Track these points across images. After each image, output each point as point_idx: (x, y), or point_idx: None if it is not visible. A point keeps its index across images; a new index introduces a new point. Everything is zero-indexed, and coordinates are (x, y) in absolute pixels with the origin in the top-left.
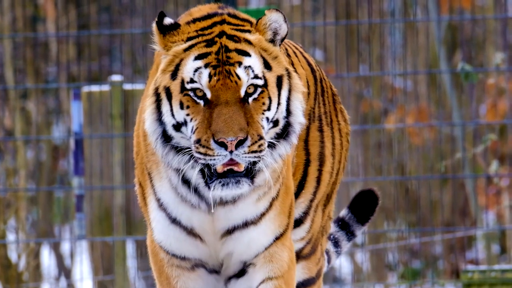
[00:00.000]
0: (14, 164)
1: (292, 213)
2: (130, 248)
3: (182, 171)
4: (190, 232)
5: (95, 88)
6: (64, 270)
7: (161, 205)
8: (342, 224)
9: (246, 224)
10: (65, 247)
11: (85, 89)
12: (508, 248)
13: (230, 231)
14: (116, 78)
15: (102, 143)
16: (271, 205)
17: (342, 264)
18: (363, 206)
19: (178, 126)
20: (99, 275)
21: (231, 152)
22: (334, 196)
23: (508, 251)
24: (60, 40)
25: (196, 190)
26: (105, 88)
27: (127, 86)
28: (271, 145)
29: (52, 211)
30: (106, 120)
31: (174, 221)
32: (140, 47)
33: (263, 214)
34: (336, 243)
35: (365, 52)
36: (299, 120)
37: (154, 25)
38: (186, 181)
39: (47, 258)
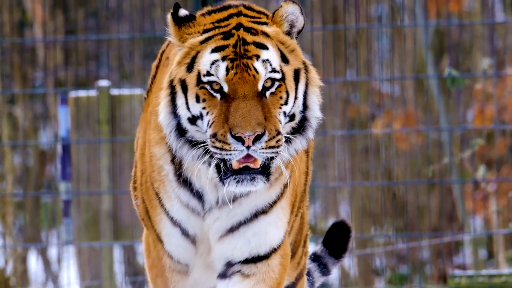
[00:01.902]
0: (1, 169)
1: (293, 212)
2: (117, 253)
3: (190, 184)
4: (193, 240)
5: (82, 93)
6: (51, 275)
7: (174, 222)
8: (314, 257)
9: (256, 215)
10: (52, 252)
11: (72, 94)
12: (495, 253)
13: (232, 229)
14: (103, 83)
15: (89, 148)
16: (282, 193)
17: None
18: (335, 238)
19: (193, 120)
20: (86, 280)
21: (248, 147)
22: (307, 189)
23: (496, 256)
24: (47, 45)
25: (200, 196)
26: (92, 93)
27: (114, 91)
28: (287, 140)
29: (39, 216)
30: (93, 125)
31: (185, 233)
32: (127, 53)
33: (274, 203)
34: (308, 273)
35: (352, 57)
36: (316, 114)
37: (169, 16)
38: (197, 192)
39: (34, 263)
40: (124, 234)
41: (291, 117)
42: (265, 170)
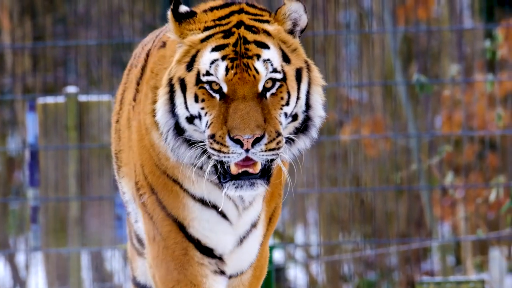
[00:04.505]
0: None
1: (272, 222)
2: (85, 259)
3: (204, 165)
4: (231, 225)
5: (50, 99)
6: (19, 282)
7: (208, 204)
8: None
9: (251, 228)
10: (20, 258)
11: (40, 100)
12: (463, 259)
13: (241, 240)
14: (71, 89)
15: (57, 154)
16: (261, 206)
17: (297, 276)
18: None
19: (191, 119)
20: (54, 286)
21: (247, 150)
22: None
23: (463, 262)
24: (15, 52)
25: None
26: (60, 99)
27: (82, 98)
28: (290, 140)
29: (7, 222)
30: (61, 132)
31: (225, 216)
32: (95, 59)
33: (260, 214)
34: None
35: (321, 64)
36: (319, 113)
37: (169, 12)
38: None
39: (2, 269)
40: (92, 241)
41: (294, 117)
42: (265, 174)
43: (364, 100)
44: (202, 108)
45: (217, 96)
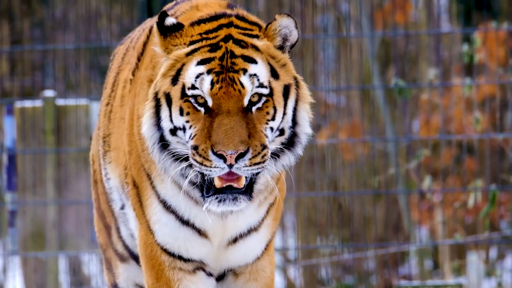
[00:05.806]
0: None
1: (279, 219)
2: (63, 263)
3: (187, 176)
4: (203, 234)
5: (28, 103)
6: None
7: (168, 208)
8: None
9: (249, 232)
10: None
11: (18, 104)
12: (441, 263)
13: (235, 239)
14: (49, 93)
15: (35, 158)
16: (268, 211)
17: (275, 280)
18: None
19: (174, 130)
20: None
21: (230, 165)
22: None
23: (441, 266)
24: None
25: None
26: (38, 103)
27: (60, 102)
28: (276, 155)
29: None
30: (39, 136)
31: (187, 223)
32: (73, 63)
33: (262, 220)
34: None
35: (298, 68)
36: (305, 130)
37: (155, 26)
38: (197, 185)
39: None
40: (70, 244)
41: (281, 132)
42: (248, 189)
43: (341, 104)
44: (187, 121)
45: (202, 109)
